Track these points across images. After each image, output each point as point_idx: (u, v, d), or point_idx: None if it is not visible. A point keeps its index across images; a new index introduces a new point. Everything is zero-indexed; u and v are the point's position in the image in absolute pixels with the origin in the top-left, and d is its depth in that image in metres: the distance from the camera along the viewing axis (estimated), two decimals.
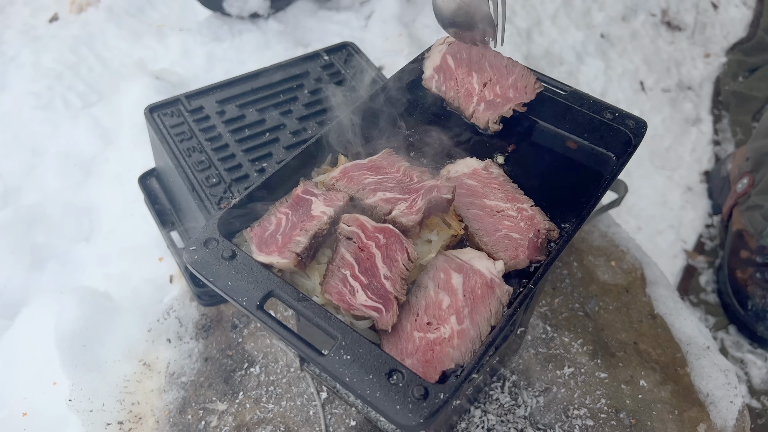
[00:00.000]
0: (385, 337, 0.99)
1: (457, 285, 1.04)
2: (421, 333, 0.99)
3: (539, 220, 1.15)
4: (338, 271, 1.02)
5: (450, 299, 1.03)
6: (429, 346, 0.98)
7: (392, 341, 0.99)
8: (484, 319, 1.01)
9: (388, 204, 1.11)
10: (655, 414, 1.56)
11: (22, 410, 1.57)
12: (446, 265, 1.06)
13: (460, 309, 1.01)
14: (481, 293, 1.03)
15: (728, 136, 3.07)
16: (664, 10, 3.66)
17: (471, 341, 0.98)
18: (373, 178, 1.15)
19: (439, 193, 1.12)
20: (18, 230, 2.08)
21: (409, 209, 1.09)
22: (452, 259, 1.07)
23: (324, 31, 2.99)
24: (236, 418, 1.52)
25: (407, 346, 0.98)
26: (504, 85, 1.34)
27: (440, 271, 1.06)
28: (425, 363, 0.96)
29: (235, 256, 0.99)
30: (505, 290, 1.04)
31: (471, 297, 1.03)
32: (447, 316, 1.01)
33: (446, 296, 1.03)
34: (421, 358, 0.97)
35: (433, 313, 1.02)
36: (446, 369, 0.95)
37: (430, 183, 1.14)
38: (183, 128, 1.70)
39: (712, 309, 2.37)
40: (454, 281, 1.04)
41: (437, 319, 1.01)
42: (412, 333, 0.99)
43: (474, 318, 1.00)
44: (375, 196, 1.12)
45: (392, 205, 1.10)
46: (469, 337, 0.99)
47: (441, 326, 1.00)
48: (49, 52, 2.85)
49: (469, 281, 1.04)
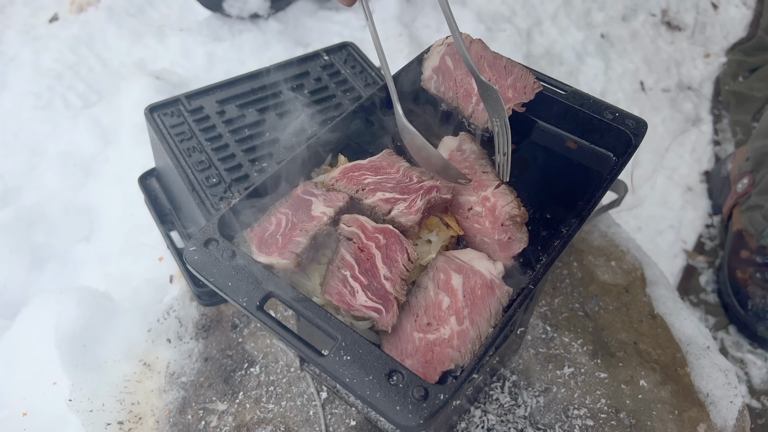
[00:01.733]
0: (385, 338, 0.99)
1: (457, 286, 1.04)
2: (421, 334, 0.99)
3: (500, 209, 1.15)
4: (338, 271, 1.02)
5: (450, 300, 1.03)
6: (429, 347, 0.98)
7: (392, 342, 0.99)
8: (484, 319, 1.01)
9: (388, 204, 1.11)
10: (655, 414, 1.56)
11: (22, 410, 1.57)
12: (446, 265, 1.07)
13: (460, 310, 1.01)
14: (481, 294, 1.03)
15: (728, 136, 3.07)
16: (664, 10, 3.66)
17: (471, 342, 0.98)
18: (372, 179, 1.16)
19: (438, 193, 1.12)
20: (18, 230, 2.08)
21: (408, 209, 1.10)
22: (452, 260, 1.07)
23: (324, 31, 2.99)
24: (236, 418, 1.52)
25: (407, 346, 0.98)
26: (503, 85, 1.34)
27: (440, 271, 1.06)
28: (425, 364, 0.96)
29: (235, 256, 0.99)
30: (505, 291, 1.04)
31: (471, 297, 1.03)
32: (447, 316, 1.01)
33: (446, 297, 1.03)
34: (420, 358, 0.97)
35: (433, 313, 1.02)
36: (446, 369, 0.95)
37: (429, 183, 1.14)
38: (183, 128, 1.70)
39: (712, 309, 2.37)
40: (454, 282, 1.04)
41: (437, 319, 1.01)
42: (412, 334, 1.00)
43: (474, 318, 1.00)
44: (374, 196, 1.12)
45: (391, 205, 1.11)
46: (468, 338, 0.99)
47: (441, 327, 1.00)
48: (49, 52, 2.85)
49: (468, 282, 1.04)
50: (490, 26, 3.13)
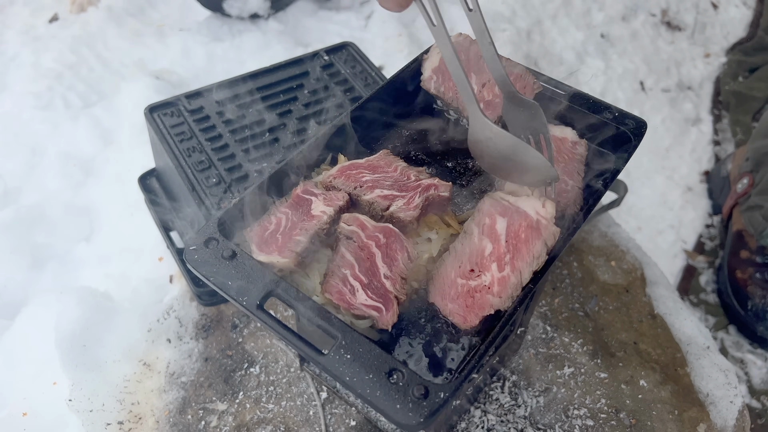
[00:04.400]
0: (432, 284, 1.05)
1: (501, 231, 1.06)
2: (464, 280, 1.03)
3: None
4: (338, 270, 1.02)
5: (492, 246, 1.05)
6: (470, 293, 1.02)
7: (437, 287, 1.04)
8: (525, 264, 1.02)
9: (386, 200, 1.11)
10: (655, 414, 1.56)
11: (22, 410, 1.58)
12: (492, 209, 1.08)
13: (502, 256, 1.03)
14: (524, 237, 1.04)
15: (728, 136, 3.07)
16: (664, 10, 3.66)
17: (511, 288, 1.01)
18: (370, 176, 1.16)
19: (436, 191, 1.12)
20: (18, 230, 2.08)
21: (406, 206, 1.10)
22: (499, 202, 1.08)
23: (324, 31, 2.99)
24: (236, 418, 1.52)
25: (450, 291, 1.03)
26: None
27: (485, 215, 1.07)
28: (466, 308, 1.01)
29: (235, 255, 0.99)
30: (552, 231, 1.03)
31: (514, 242, 1.04)
32: (488, 263, 1.03)
33: (489, 243, 1.05)
34: (462, 303, 1.02)
35: (476, 260, 1.04)
36: (486, 314, 0.99)
37: (427, 182, 1.14)
38: (183, 128, 1.70)
39: (712, 309, 2.37)
40: (499, 226, 1.06)
41: (479, 266, 1.04)
42: (456, 279, 1.03)
43: (515, 264, 1.02)
44: (372, 192, 1.13)
45: (390, 201, 1.11)
46: (509, 284, 1.01)
47: (482, 274, 1.03)
48: (49, 52, 2.85)
49: (513, 225, 1.05)
50: (490, 26, 3.11)
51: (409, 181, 1.15)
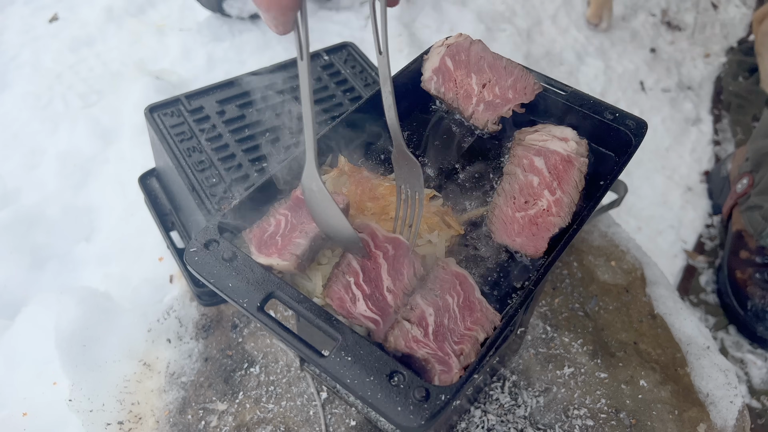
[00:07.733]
0: (494, 229, 1.13)
1: (540, 166, 1.18)
2: (522, 212, 1.13)
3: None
4: (342, 276, 1.01)
5: (538, 178, 1.16)
6: (532, 221, 1.12)
7: (500, 229, 1.13)
8: (572, 186, 1.15)
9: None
10: (655, 414, 1.56)
11: (22, 410, 1.58)
12: (526, 152, 1.20)
13: (550, 183, 1.15)
14: (563, 167, 1.17)
15: (728, 136, 3.06)
16: (664, 10, 3.66)
17: (567, 206, 1.12)
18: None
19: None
20: (18, 230, 2.08)
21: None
22: (530, 147, 1.21)
23: (324, 31, 2.99)
24: (236, 418, 1.52)
25: (513, 227, 1.12)
26: (503, 86, 1.34)
27: (522, 158, 1.20)
28: (532, 237, 1.10)
29: (235, 257, 0.99)
30: (582, 161, 1.17)
31: (555, 172, 1.17)
32: (540, 191, 1.15)
33: (534, 177, 1.17)
34: (528, 234, 1.11)
35: (528, 192, 1.15)
36: (552, 235, 1.09)
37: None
38: (183, 128, 1.70)
39: (712, 309, 2.37)
40: (537, 163, 1.18)
41: (533, 196, 1.14)
42: (515, 215, 1.13)
43: (564, 188, 1.14)
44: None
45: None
46: (565, 203, 1.12)
47: (538, 201, 1.14)
48: (49, 52, 2.85)
49: (549, 160, 1.18)
50: (490, 26, 3.13)
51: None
